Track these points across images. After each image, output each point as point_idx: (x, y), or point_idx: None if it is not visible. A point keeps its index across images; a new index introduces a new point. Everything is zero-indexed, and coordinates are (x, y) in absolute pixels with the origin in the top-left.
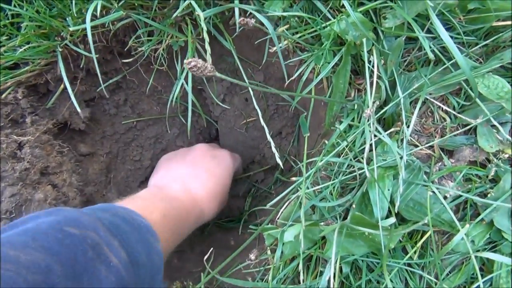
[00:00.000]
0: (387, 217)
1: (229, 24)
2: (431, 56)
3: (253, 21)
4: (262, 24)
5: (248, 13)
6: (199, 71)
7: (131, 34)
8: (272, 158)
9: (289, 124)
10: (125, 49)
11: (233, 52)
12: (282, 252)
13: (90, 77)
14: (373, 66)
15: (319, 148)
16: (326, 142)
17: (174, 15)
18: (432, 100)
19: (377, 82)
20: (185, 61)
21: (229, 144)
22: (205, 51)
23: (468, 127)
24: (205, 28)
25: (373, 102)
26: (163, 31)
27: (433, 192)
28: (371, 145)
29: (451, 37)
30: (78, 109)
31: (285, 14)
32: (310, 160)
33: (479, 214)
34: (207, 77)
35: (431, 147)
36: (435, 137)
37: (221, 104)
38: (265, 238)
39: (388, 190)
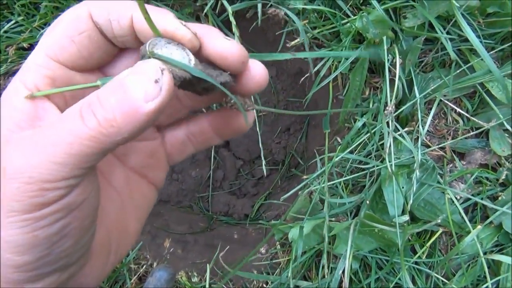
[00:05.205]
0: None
1: (245, 17)
2: (453, 56)
3: (283, 12)
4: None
5: (269, 5)
6: (240, 109)
7: None
8: (278, 153)
9: (298, 120)
10: None
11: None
12: (292, 246)
13: None
14: (391, 65)
15: (330, 144)
16: (339, 139)
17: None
18: (446, 102)
19: (394, 81)
20: (224, 100)
21: (236, 137)
22: None
23: (480, 130)
24: (233, 22)
25: (391, 101)
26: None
27: (446, 193)
28: (384, 144)
29: (469, 40)
30: None
31: (307, 7)
32: (323, 156)
33: (488, 216)
34: (248, 111)
35: (443, 148)
36: (447, 138)
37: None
38: (275, 233)
39: (403, 188)
